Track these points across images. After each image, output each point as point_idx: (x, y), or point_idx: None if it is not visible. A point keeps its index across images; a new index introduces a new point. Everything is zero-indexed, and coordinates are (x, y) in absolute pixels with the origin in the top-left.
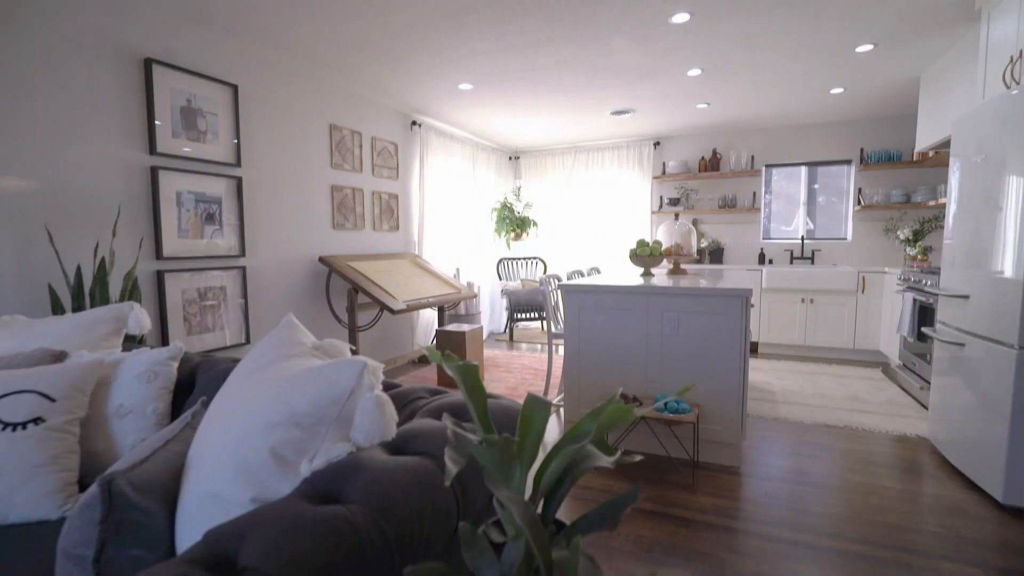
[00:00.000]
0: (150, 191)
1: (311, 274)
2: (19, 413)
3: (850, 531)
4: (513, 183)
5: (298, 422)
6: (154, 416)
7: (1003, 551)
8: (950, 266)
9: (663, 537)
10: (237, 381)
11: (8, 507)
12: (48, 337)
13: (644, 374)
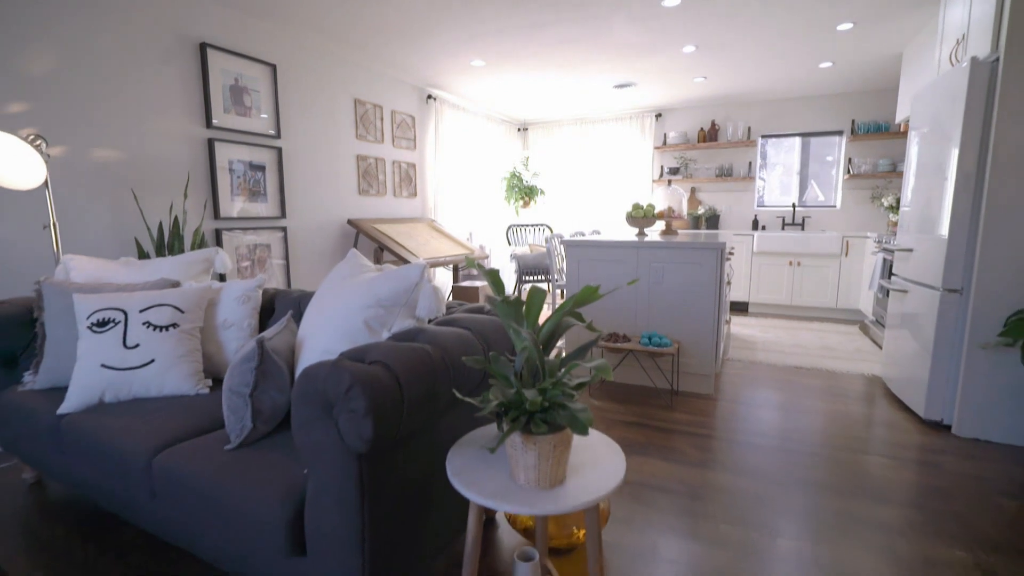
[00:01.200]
0: (208, 160)
1: (341, 235)
2: (162, 319)
3: (797, 437)
4: (521, 153)
5: (381, 303)
6: (248, 329)
7: (916, 449)
8: (905, 230)
9: (642, 439)
10: (330, 286)
11: (163, 383)
12: (159, 272)
13: (634, 317)
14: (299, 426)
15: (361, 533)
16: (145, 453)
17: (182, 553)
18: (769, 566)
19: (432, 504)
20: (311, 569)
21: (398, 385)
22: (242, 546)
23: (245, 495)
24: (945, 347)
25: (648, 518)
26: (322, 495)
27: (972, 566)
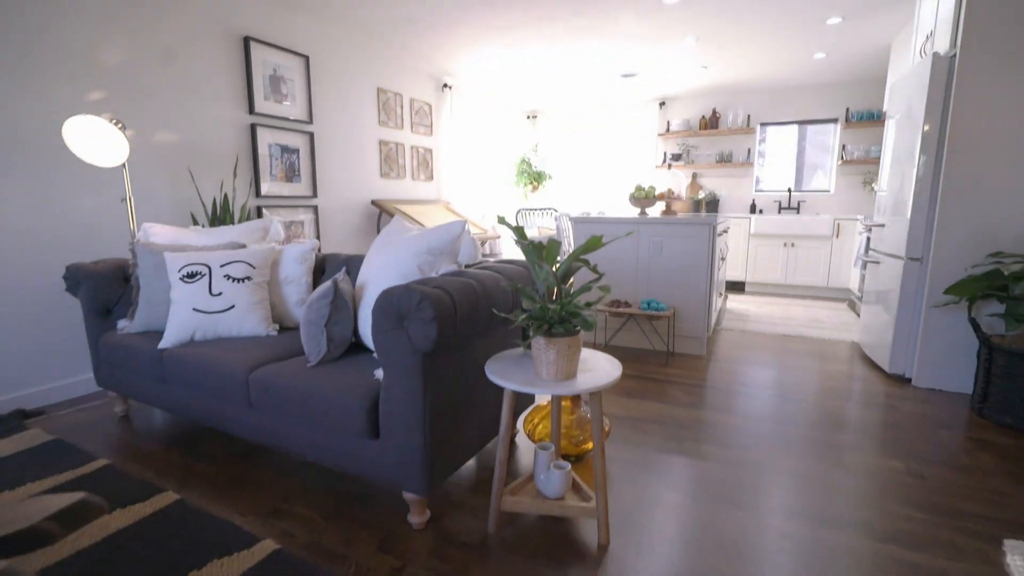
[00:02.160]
0: (251, 143)
1: (365, 214)
2: (239, 273)
3: (776, 387)
4: (531, 140)
5: (431, 251)
6: (305, 285)
7: (878, 396)
8: (880, 212)
9: (640, 388)
10: (384, 241)
11: (241, 325)
12: (226, 237)
13: (635, 286)
14: (378, 334)
15: (423, 418)
16: (242, 371)
17: (266, 457)
18: (741, 473)
19: (472, 405)
20: (383, 448)
21: (453, 302)
22: (328, 436)
23: (331, 394)
24: (907, 309)
25: (643, 440)
26: (393, 387)
27: (903, 471)
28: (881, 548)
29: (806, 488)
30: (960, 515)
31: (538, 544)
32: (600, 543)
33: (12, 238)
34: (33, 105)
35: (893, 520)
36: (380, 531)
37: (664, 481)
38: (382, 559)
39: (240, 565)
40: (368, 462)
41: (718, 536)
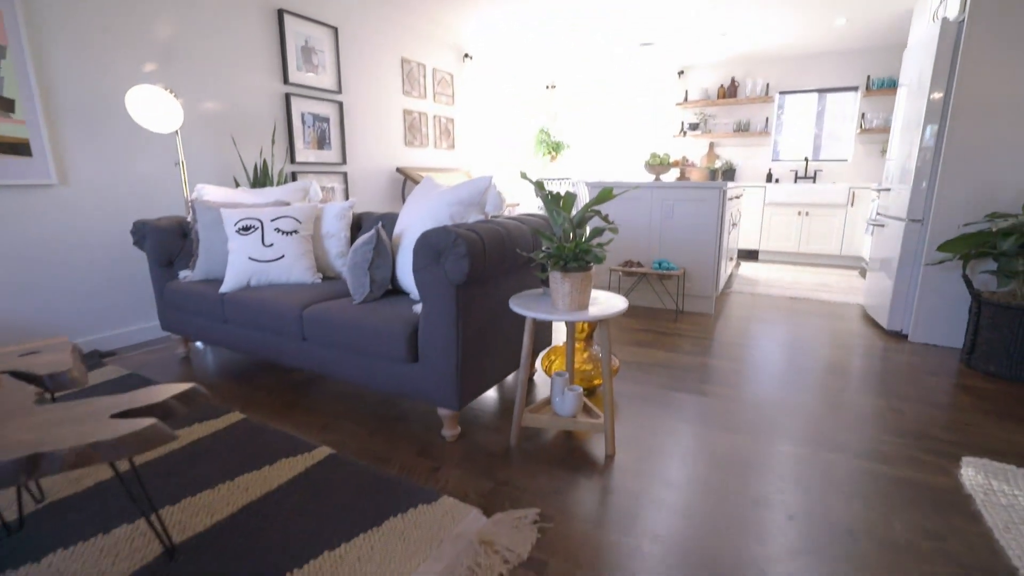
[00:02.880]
0: (285, 112)
1: (390, 181)
2: (287, 227)
3: (778, 339)
4: (549, 110)
5: (461, 202)
6: (344, 239)
7: (873, 349)
8: (887, 178)
9: (650, 339)
10: (419, 196)
11: (290, 273)
12: (272, 196)
13: (647, 247)
14: (418, 270)
15: (456, 343)
16: (296, 309)
17: (315, 387)
18: (738, 406)
19: (496, 337)
20: (422, 371)
21: (483, 242)
22: (373, 362)
23: (377, 325)
24: (906, 269)
25: (649, 380)
26: (431, 316)
27: (885, 407)
28: (855, 462)
29: (795, 418)
30: (929, 439)
31: (553, 454)
32: (607, 454)
33: (86, 198)
34: (99, 77)
35: (869, 443)
36: (418, 442)
37: (667, 412)
38: (421, 462)
39: (304, 463)
40: (408, 383)
41: (710, 452)
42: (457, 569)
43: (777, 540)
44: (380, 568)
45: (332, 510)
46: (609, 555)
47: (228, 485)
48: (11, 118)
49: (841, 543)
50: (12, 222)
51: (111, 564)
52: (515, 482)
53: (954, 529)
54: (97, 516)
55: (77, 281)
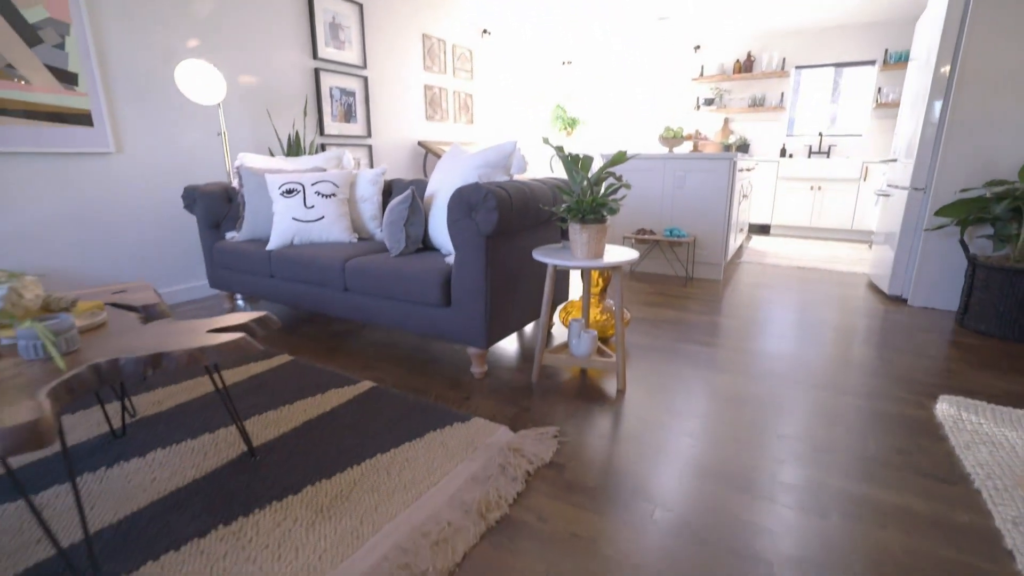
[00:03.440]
0: (315, 86)
1: (412, 154)
2: (326, 190)
3: (783, 303)
4: (565, 85)
5: (488, 164)
6: (377, 203)
7: (873, 311)
8: (894, 152)
9: (661, 301)
10: (448, 160)
11: (330, 233)
12: (310, 164)
13: (659, 216)
14: (452, 222)
15: (485, 288)
16: (339, 262)
17: (354, 335)
18: (740, 355)
19: (519, 286)
20: (454, 314)
21: (510, 198)
22: (409, 307)
23: (413, 273)
24: (908, 235)
25: (659, 333)
26: (463, 265)
27: (876, 357)
28: (842, 398)
29: (791, 365)
30: (912, 382)
31: (570, 389)
32: (619, 389)
33: (139, 165)
34: (147, 52)
35: (856, 384)
36: (450, 379)
37: (675, 359)
38: (454, 393)
39: (350, 393)
40: (441, 325)
41: (712, 389)
42: (490, 467)
43: (765, 453)
44: (425, 466)
45: (379, 427)
46: (618, 461)
47: (288, 408)
48: (75, 91)
49: (822, 455)
50: (75, 187)
51: (203, 459)
52: (537, 409)
53: (921, 447)
54: (182, 428)
55: (131, 243)
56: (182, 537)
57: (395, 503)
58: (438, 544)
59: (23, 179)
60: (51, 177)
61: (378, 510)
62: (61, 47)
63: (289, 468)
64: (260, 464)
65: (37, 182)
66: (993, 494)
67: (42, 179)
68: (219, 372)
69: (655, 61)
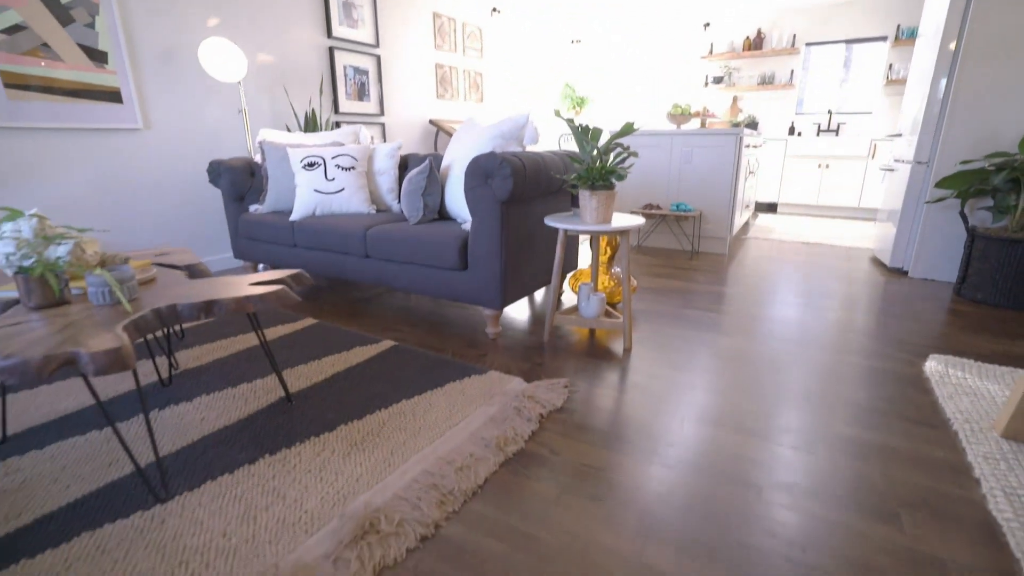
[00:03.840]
0: (330, 65)
1: (424, 133)
2: (346, 163)
3: (786, 274)
4: (574, 64)
5: (503, 135)
6: (394, 177)
7: (874, 282)
8: (900, 127)
9: (667, 273)
10: (463, 132)
11: (350, 204)
12: (328, 139)
13: (666, 191)
14: (469, 189)
15: (500, 252)
16: (360, 230)
17: (374, 301)
18: (742, 319)
19: (532, 252)
20: (470, 277)
21: (524, 166)
22: (427, 271)
23: (432, 238)
24: (910, 208)
25: (664, 300)
26: (479, 229)
27: (872, 322)
28: (836, 356)
29: (790, 328)
30: (905, 344)
31: (579, 348)
32: (625, 347)
33: (165, 141)
34: (170, 31)
35: (852, 344)
36: (466, 339)
37: (680, 323)
38: (470, 351)
39: (374, 350)
40: (458, 287)
41: (714, 349)
42: (507, 410)
43: (762, 401)
44: (447, 409)
45: (402, 378)
46: (625, 408)
47: (317, 362)
48: (105, 69)
49: (815, 404)
50: (107, 162)
51: (244, 404)
52: (548, 365)
53: (908, 397)
54: (222, 379)
55: (159, 215)
56: (234, 463)
57: (421, 439)
58: (462, 470)
59: (59, 153)
60: (84, 152)
61: (406, 444)
62: (91, 26)
63: (323, 411)
64: (296, 408)
65: (72, 157)
66: (969, 435)
67: (76, 154)
68: (260, 327)
69: (664, 39)
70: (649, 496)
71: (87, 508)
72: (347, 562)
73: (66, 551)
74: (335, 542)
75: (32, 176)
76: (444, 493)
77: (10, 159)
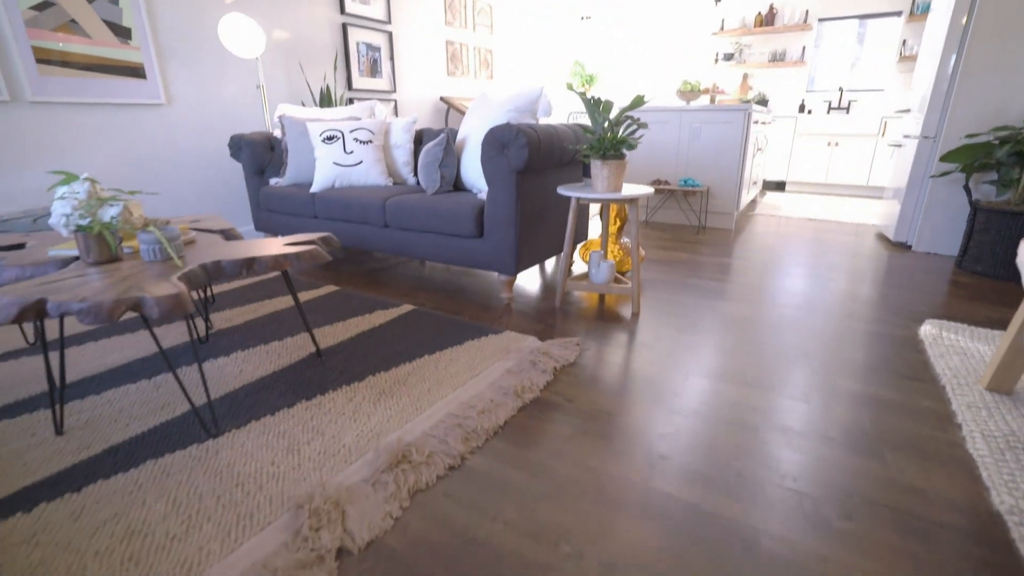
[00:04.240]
0: (343, 41)
1: (435, 110)
2: (364, 137)
3: (791, 248)
4: (584, 41)
5: (517, 108)
6: (409, 150)
7: (877, 255)
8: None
9: (674, 246)
10: (480, 104)
11: (368, 176)
12: (345, 114)
13: (675, 167)
14: (486, 160)
15: (515, 220)
16: (379, 200)
17: (392, 270)
18: (745, 288)
19: (545, 222)
20: (486, 244)
21: (538, 137)
22: (444, 239)
23: (449, 207)
24: (916, 183)
25: (671, 270)
26: (495, 198)
27: (872, 292)
28: (836, 320)
29: (792, 296)
30: (902, 310)
31: (589, 313)
32: (633, 312)
33: (186, 117)
34: (191, 6)
35: (850, 311)
36: (481, 304)
37: (686, 291)
38: (486, 314)
39: (394, 314)
40: (474, 254)
41: (719, 314)
42: (523, 363)
43: (762, 358)
44: (466, 363)
45: (423, 337)
46: (634, 364)
47: (342, 323)
48: (129, 45)
49: (812, 361)
50: (128, 136)
51: (278, 358)
52: (560, 327)
53: (901, 356)
54: (255, 337)
55: (181, 189)
56: (274, 407)
57: (444, 388)
58: (483, 412)
59: (86, 128)
60: (110, 127)
61: (431, 392)
62: (115, 2)
63: (351, 365)
64: (326, 362)
65: (98, 131)
66: (955, 388)
67: (102, 128)
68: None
69: (674, 15)
70: (655, 436)
71: (148, 442)
72: (385, 484)
73: (135, 475)
74: (372, 469)
75: (62, 149)
76: (468, 431)
77: (41, 133)
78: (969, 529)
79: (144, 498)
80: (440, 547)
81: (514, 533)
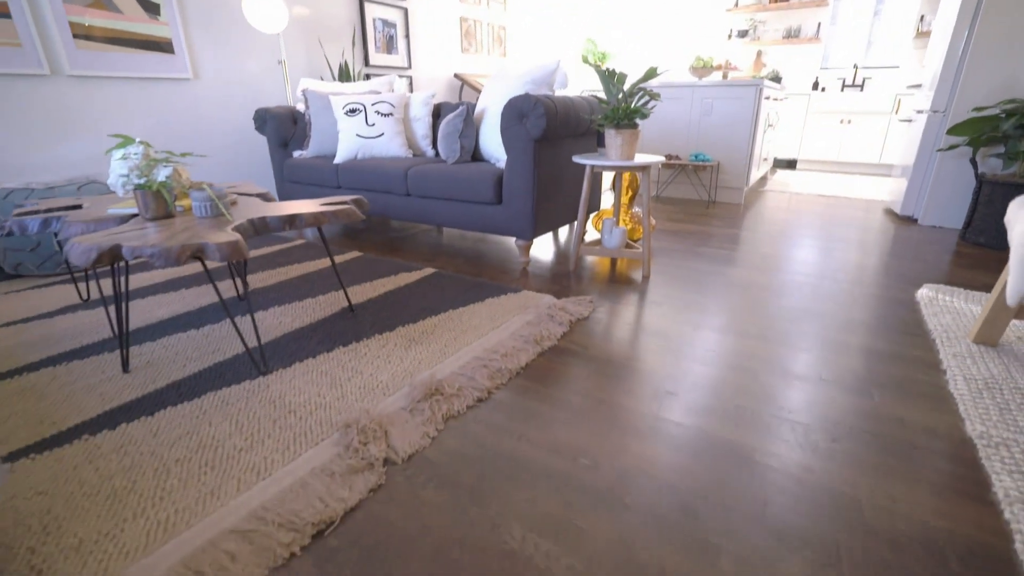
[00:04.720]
0: (360, 17)
1: (449, 87)
2: (385, 109)
3: (799, 221)
4: (597, 18)
5: (534, 81)
6: (428, 124)
7: (884, 228)
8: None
9: (685, 218)
10: (498, 79)
11: (389, 148)
12: (366, 88)
13: (686, 142)
14: (505, 128)
15: (532, 187)
16: (401, 170)
17: (412, 238)
18: (753, 256)
19: (560, 190)
20: (504, 210)
21: (556, 107)
22: (464, 207)
23: (469, 176)
24: (924, 157)
25: (681, 240)
26: (513, 166)
27: (875, 261)
28: (837, 284)
29: (797, 263)
30: (902, 276)
31: (602, 276)
32: (644, 275)
33: (212, 91)
34: None
35: (852, 277)
36: (498, 268)
37: (695, 258)
38: (503, 275)
39: (417, 276)
40: (493, 220)
41: (726, 279)
42: (541, 316)
43: (765, 315)
44: (488, 317)
45: (446, 295)
46: (645, 320)
47: (370, 283)
48: (158, 20)
49: (812, 317)
50: (158, 109)
51: (313, 312)
52: (575, 288)
53: (897, 315)
54: (289, 295)
55: (208, 162)
56: (315, 351)
57: (469, 336)
58: (506, 356)
59: (119, 101)
60: (141, 100)
61: (457, 340)
62: None
63: (381, 318)
64: (358, 316)
65: (130, 104)
66: (944, 341)
67: (133, 102)
68: (328, 245)
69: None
70: (664, 376)
71: (206, 377)
72: (421, 411)
73: (199, 403)
74: (409, 400)
75: (96, 122)
76: (493, 371)
77: (79, 106)
78: (943, 450)
79: (210, 420)
80: (472, 459)
81: (537, 448)
